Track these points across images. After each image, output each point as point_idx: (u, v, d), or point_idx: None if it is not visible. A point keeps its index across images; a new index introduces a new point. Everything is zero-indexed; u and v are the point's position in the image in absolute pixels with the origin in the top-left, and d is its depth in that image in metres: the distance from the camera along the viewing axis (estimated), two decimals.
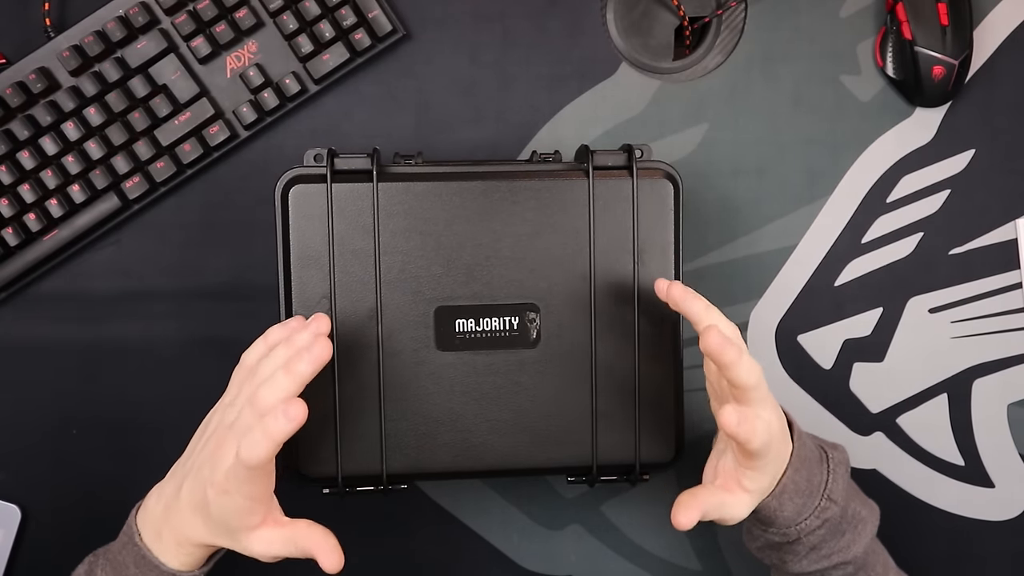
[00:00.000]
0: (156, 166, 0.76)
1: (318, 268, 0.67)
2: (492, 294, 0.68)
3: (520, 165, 0.71)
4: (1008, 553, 0.82)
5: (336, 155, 0.68)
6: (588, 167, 0.68)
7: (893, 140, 0.81)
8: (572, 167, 0.70)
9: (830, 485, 0.65)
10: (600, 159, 0.69)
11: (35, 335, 0.78)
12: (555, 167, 0.70)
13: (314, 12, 0.75)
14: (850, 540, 0.66)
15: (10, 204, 0.75)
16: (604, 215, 0.68)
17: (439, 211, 0.67)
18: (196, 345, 0.78)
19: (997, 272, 0.81)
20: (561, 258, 0.68)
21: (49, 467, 0.78)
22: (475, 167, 0.69)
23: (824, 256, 0.80)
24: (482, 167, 0.69)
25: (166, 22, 0.75)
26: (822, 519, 0.65)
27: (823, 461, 0.66)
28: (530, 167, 0.70)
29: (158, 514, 0.61)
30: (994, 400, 0.81)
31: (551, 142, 0.79)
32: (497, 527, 0.80)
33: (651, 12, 0.81)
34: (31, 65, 0.74)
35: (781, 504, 0.64)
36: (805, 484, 0.65)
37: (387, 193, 0.67)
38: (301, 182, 0.67)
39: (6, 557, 0.77)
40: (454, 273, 0.68)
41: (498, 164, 0.70)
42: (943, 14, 0.77)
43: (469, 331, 0.68)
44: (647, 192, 0.68)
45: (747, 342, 0.80)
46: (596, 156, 0.68)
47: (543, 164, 0.70)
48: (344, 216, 0.67)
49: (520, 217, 0.68)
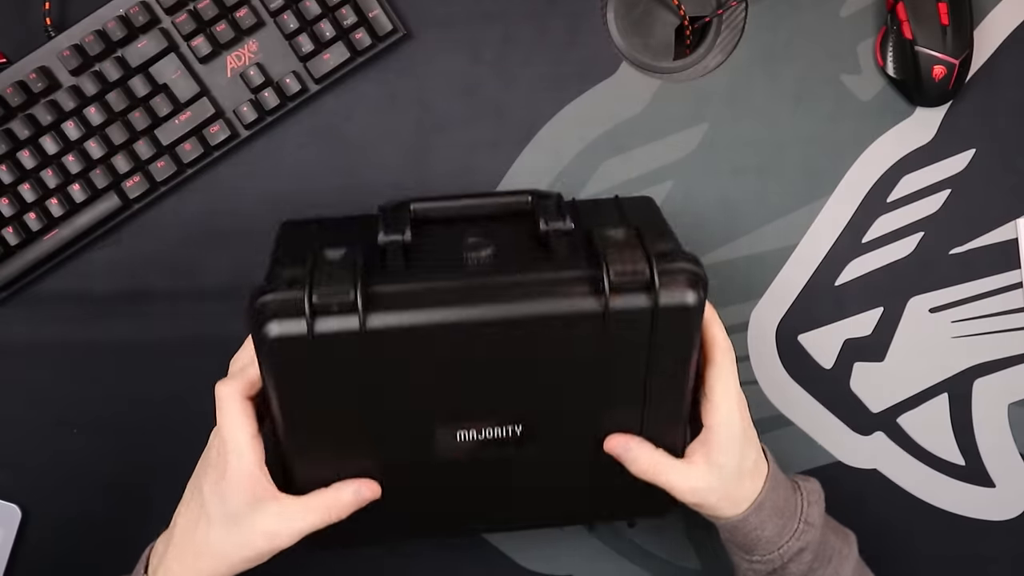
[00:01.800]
0: (156, 165, 0.76)
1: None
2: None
3: (527, 279, 0.60)
4: (1008, 553, 0.82)
5: (315, 311, 0.56)
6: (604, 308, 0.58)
7: (893, 140, 0.81)
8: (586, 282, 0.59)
9: (806, 509, 0.66)
10: (617, 274, 0.58)
11: (35, 335, 0.78)
12: (569, 279, 0.59)
13: (314, 12, 0.75)
14: (836, 568, 0.67)
15: (10, 203, 0.75)
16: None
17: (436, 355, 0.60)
18: (196, 345, 0.78)
19: (997, 272, 0.81)
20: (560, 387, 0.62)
21: (49, 467, 0.78)
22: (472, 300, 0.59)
23: (824, 256, 0.80)
24: (481, 302, 0.58)
25: (166, 21, 0.75)
26: (803, 542, 0.66)
27: (796, 490, 0.68)
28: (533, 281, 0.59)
29: (158, 557, 0.62)
30: (995, 400, 0.81)
31: (552, 142, 0.79)
32: None
33: (651, 12, 0.81)
34: (31, 64, 0.74)
35: (762, 521, 0.65)
36: (783, 504, 0.66)
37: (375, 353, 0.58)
38: (278, 320, 0.57)
39: (6, 557, 0.77)
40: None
41: (499, 281, 0.59)
42: (943, 14, 0.77)
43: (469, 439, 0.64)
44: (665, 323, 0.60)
45: (747, 342, 0.80)
46: (612, 273, 0.58)
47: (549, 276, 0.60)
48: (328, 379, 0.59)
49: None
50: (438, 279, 0.58)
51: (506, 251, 0.61)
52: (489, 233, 0.62)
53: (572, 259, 0.60)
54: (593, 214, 0.65)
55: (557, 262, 0.60)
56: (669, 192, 0.80)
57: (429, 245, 0.61)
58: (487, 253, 0.61)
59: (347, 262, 0.58)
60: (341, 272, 0.57)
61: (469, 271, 0.60)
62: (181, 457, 0.63)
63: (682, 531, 0.80)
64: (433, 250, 0.61)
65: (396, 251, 0.60)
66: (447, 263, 0.60)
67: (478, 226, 0.63)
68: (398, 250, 0.60)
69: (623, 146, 0.80)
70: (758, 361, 0.80)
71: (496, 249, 0.61)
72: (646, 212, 0.68)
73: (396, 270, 0.59)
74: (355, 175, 0.79)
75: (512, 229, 0.63)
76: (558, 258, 0.61)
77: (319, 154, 0.79)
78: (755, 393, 0.80)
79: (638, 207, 0.69)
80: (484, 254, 0.61)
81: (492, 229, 0.63)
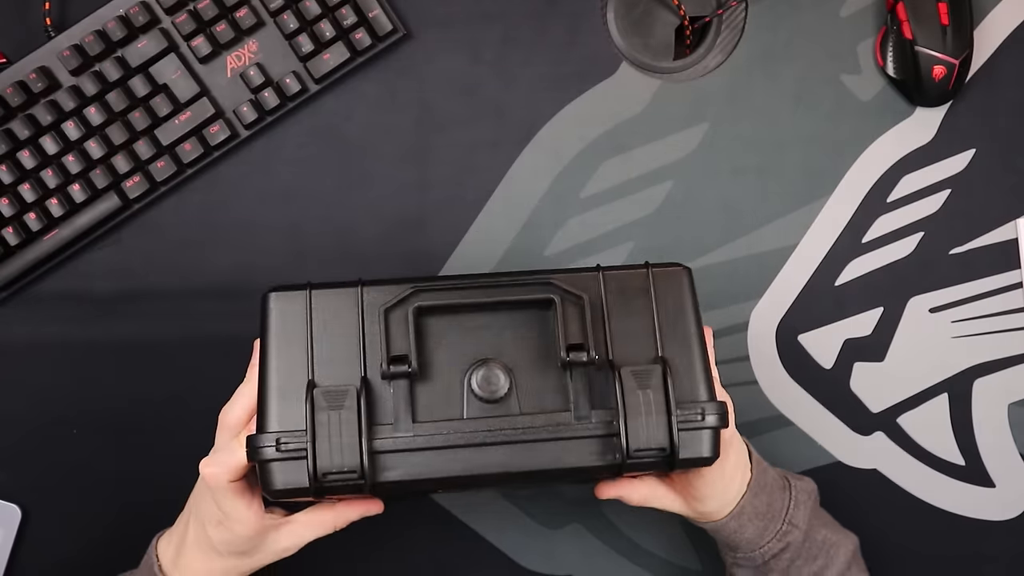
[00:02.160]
0: (156, 165, 0.76)
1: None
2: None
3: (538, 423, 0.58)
4: (1008, 553, 0.81)
5: (320, 476, 0.56)
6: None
7: (893, 140, 0.81)
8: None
9: (792, 511, 0.68)
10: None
11: (35, 335, 0.78)
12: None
13: (314, 12, 0.75)
14: (823, 565, 0.69)
15: (10, 204, 0.75)
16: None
17: None
18: (196, 345, 0.78)
19: (997, 272, 0.81)
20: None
21: (49, 467, 0.78)
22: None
23: (824, 256, 0.80)
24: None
25: (166, 21, 0.75)
26: (784, 542, 0.67)
27: (786, 489, 0.69)
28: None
29: (170, 556, 0.63)
30: (995, 400, 0.81)
31: (552, 141, 0.79)
32: (497, 526, 0.80)
33: (651, 12, 0.81)
34: (31, 64, 0.74)
35: (741, 525, 0.67)
36: (765, 508, 0.67)
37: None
38: (282, 474, 0.57)
39: (6, 557, 0.77)
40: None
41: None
42: (943, 14, 0.77)
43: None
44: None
45: (747, 342, 0.80)
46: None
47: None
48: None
49: None
50: (446, 434, 0.57)
51: (521, 385, 0.59)
52: (502, 347, 0.59)
53: (592, 413, 0.58)
54: (622, 310, 0.61)
55: (576, 411, 0.58)
56: (669, 192, 0.80)
57: (437, 370, 0.59)
58: (501, 390, 0.58)
59: (350, 413, 0.56)
60: (346, 434, 0.56)
61: (478, 426, 0.58)
62: (181, 457, 0.63)
63: (682, 531, 0.80)
64: (441, 383, 0.59)
65: (401, 390, 0.58)
66: (456, 404, 0.58)
67: (492, 330, 0.60)
68: (403, 389, 0.58)
69: (623, 146, 0.80)
70: (758, 361, 0.80)
71: (510, 383, 0.59)
72: (680, 306, 0.61)
73: (402, 421, 0.57)
74: (355, 175, 0.79)
75: (530, 341, 0.60)
76: (578, 406, 0.58)
77: (319, 154, 0.79)
78: (755, 393, 0.80)
79: (674, 296, 0.62)
80: (497, 391, 0.58)
81: (506, 338, 0.60)
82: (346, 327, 0.58)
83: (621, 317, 0.60)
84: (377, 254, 0.79)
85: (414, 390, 0.58)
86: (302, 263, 0.79)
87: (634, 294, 0.61)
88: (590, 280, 0.60)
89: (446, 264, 0.79)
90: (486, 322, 0.59)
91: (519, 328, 0.59)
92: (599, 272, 0.61)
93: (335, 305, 0.59)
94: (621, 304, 0.60)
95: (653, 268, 0.61)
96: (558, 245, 0.80)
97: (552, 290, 0.59)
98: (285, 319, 0.58)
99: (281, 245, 0.79)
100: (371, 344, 0.58)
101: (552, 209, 0.80)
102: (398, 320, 0.58)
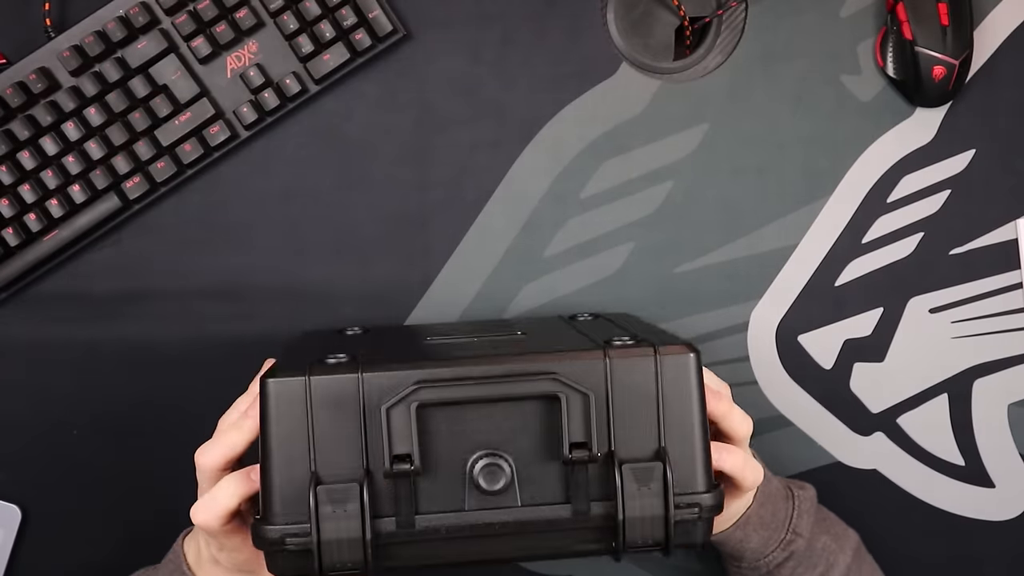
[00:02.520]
0: (156, 166, 0.76)
1: None
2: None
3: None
4: (1008, 553, 0.82)
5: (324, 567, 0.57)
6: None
7: (893, 140, 0.81)
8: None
9: (795, 520, 0.69)
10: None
11: (35, 335, 0.78)
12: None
13: (314, 12, 0.75)
14: (824, 571, 0.69)
15: (10, 204, 0.75)
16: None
17: None
18: (196, 345, 0.78)
19: (997, 272, 0.81)
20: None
21: (49, 467, 0.78)
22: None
23: (824, 256, 0.80)
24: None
25: (166, 22, 0.75)
26: (788, 551, 0.68)
27: (789, 498, 0.70)
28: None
29: (192, 557, 0.65)
30: (994, 400, 0.81)
31: (552, 142, 0.79)
32: None
33: (651, 12, 0.81)
34: (31, 65, 0.74)
35: (747, 535, 0.67)
36: (770, 518, 0.68)
37: None
38: (291, 566, 0.58)
39: (6, 557, 0.77)
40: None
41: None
42: (943, 14, 0.77)
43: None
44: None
45: (747, 342, 0.80)
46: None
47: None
48: None
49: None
50: (448, 526, 0.58)
51: (522, 474, 0.59)
52: (504, 438, 0.59)
53: (591, 506, 0.58)
54: (627, 401, 0.60)
55: (576, 505, 0.58)
56: (669, 192, 0.80)
57: (439, 460, 0.59)
58: (503, 483, 0.58)
59: (353, 511, 0.56)
60: (351, 531, 0.56)
61: (479, 518, 0.58)
62: (181, 457, 0.63)
63: None
64: (443, 474, 0.59)
65: (403, 484, 0.58)
66: (458, 495, 0.58)
67: (495, 421, 0.59)
68: (405, 483, 0.58)
69: (623, 146, 0.80)
70: (758, 361, 0.80)
71: (512, 476, 0.59)
72: (684, 394, 0.60)
73: (404, 514, 0.58)
74: (355, 175, 0.79)
75: (533, 431, 0.59)
76: (577, 500, 0.58)
77: (319, 154, 0.79)
78: (755, 393, 0.80)
79: (679, 382, 0.60)
80: (499, 484, 0.58)
81: (509, 429, 0.59)
82: (346, 420, 0.58)
83: (625, 408, 0.60)
84: (377, 254, 0.79)
85: (416, 483, 0.58)
86: (302, 263, 0.79)
87: (639, 382, 0.60)
88: (596, 367, 0.59)
89: (446, 264, 0.79)
90: (489, 412, 0.59)
91: (522, 418, 0.59)
92: (605, 358, 0.59)
93: (335, 393, 0.58)
94: (626, 393, 0.60)
95: (661, 354, 0.60)
96: (558, 245, 0.80)
97: (557, 386, 0.59)
98: (284, 409, 0.58)
99: (281, 245, 0.79)
100: (373, 439, 0.58)
101: (552, 209, 0.80)
102: (400, 415, 0.58)
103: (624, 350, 0.60)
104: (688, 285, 0.80)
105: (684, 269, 0.80)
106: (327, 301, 0.79)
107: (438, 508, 0.58)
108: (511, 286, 0.80)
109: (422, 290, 0.79)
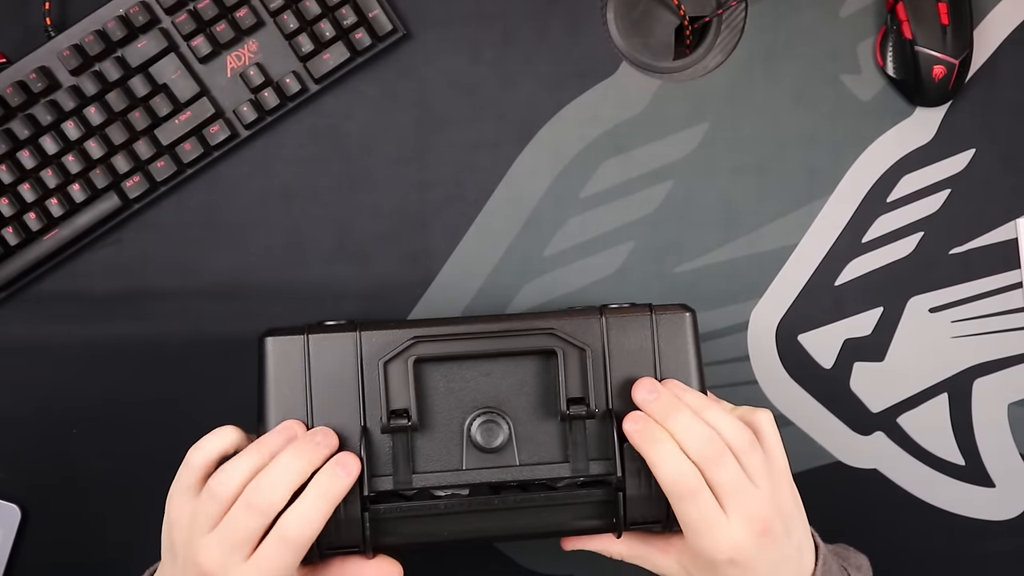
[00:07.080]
0: (156, 165, 0.76)
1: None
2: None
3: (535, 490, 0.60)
4: (1008, 553, 0.82)
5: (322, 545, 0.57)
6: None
7: (893, 140, 0.81)
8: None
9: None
10: None
11: (35, 335, 0.78)
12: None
13: (314, 12, 0.75)
14: None
15: (10, 203, 0.75)
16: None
17: None
18: (196, 345, 0.78)
19: (997, 272, 0.81)
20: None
21: (49, 467, 0.78)
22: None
23: (824, 255, 0.80)
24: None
25: (166, 21, 0.75)
26: None
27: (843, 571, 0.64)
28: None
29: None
30: (994, 400, 0.81)
31: (551, 141, 0.79)
32: None
33: (651, 12, 0.81)
34: (31, 64, 0.74)
35: None
36: None
37: None
38: None
39: (6, 557, 0.77)
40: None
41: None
42: (943, 13, 0.77)
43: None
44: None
45: (747, 342, 0.80)
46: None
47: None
48: None
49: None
50: (445, 483, 0.58)
51: (520, 433, 0.59)
52: (502, 395, 0.59)
53: (589, 464, 0.58)
54: (624, 357, 0.60)
55: (574, 463, 0.58)
56: (669, 192, 0.80)
57: (436, 418, 0.59)
58: (500, 440, 0.59)
59: (353, 493, 0.56)
60: (348, 504, 0.56)
61: (477, 476, 0.58)
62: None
63: None
64: (440, 431, 0.59)
65: (400, 441, 0.58)
66: (455, 453, 0.58)
67: (493, 378, 0.60)
68: (402, 440, 0.58)
69: (623, 146, 0.80)
70: (758, 361, 0.80)
71: (509, 433, 0.59)
72: (682, 352, 0.61)
73: (401, 472, 0.57)
74: (355, 175, 0.79)
75: (530, 388, 0.59)
76: (576, 458, 0.58)
77: (319, 154, 0.79)
78: (755, 393, 0.80)
79: (676, 341, 0.61)
80: (497, 442, 0.59)
81: (506, 386, 0.59)
82: (344, 376, 0.58)
83: (622, 365, 0.60)
84: (377, 254, 0.79)
85: (413, 440, 0.58)
86: (302, 263, 0.79)
87: (636, 339, 0.60)
88: (592, 325, 0.60)
89: (446, 263, 0.79)
90: (486, 370, 0.59)
91: (519, 376, 0.59)
92: (601, 316, 0.60)
93: (332, 351, 0.58)
94: (623, 351, 0.60)
95: (656, 312, 0.61)
96: (558, 245, 0.80)
97: (554, 341, 0.59)
98: (282, 365, 0.58)
99: (281, 245, 0.79)
100: (370, 395, 0.58)
101: (552, 209, 0.80)
102: (397, 370, 0.58)
103: (621, 311, 0.61)
104: (688, 285, 0.80)
105: (684, 269, 0.80)
106: (327, 301, 0.79)
107: (436, 468, 0.58)
108: (511, 285, 0.80)
109: (422, 290, 0.79)
